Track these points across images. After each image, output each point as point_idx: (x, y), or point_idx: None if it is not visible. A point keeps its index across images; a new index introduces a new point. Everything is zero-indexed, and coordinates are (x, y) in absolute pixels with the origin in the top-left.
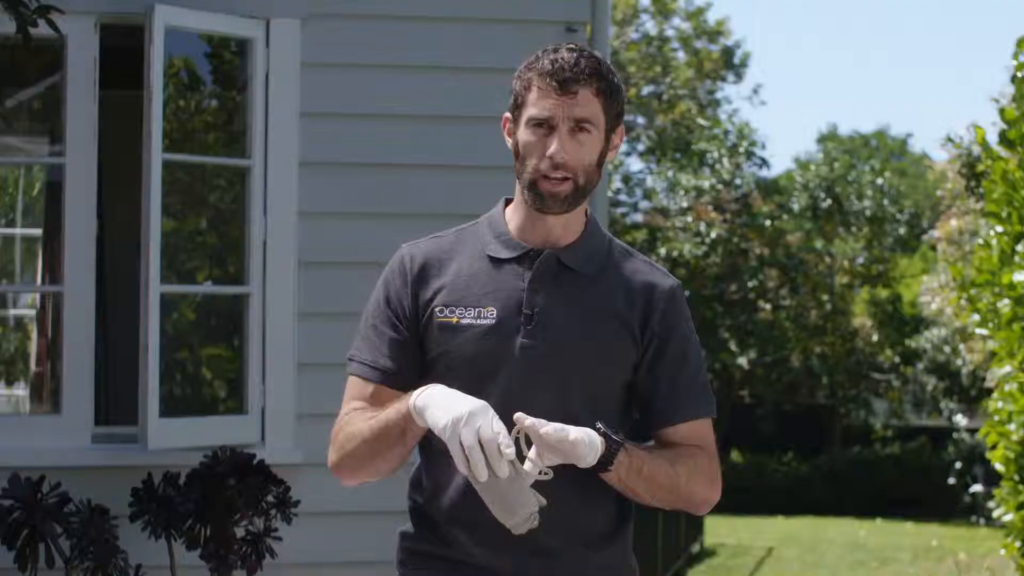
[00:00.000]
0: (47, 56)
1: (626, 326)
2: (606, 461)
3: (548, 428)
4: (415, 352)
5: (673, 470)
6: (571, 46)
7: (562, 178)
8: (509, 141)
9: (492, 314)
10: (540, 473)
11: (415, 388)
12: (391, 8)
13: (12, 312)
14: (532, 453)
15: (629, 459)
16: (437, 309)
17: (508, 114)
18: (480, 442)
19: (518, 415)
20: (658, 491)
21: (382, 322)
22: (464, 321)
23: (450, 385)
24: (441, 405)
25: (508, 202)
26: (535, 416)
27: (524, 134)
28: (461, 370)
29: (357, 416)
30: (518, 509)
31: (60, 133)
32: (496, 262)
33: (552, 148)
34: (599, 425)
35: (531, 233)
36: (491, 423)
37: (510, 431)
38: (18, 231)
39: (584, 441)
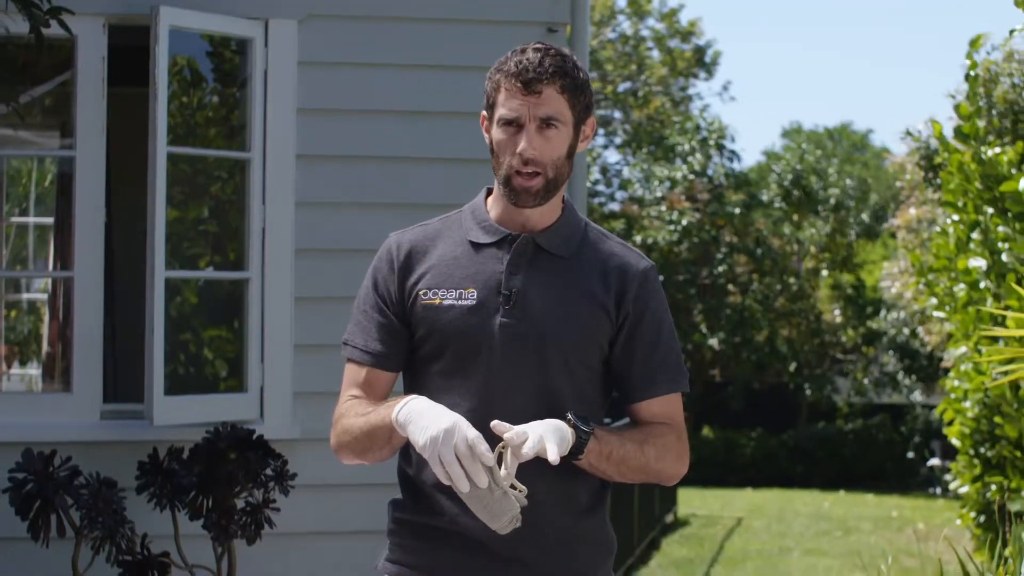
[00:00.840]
0: (58, 55)
1: (601, 305)
2: (576, 452)
3: (526, 448)
4: (403, 334)
5: (642, 451)
6: (537, 46)
7: (532, 173)
8: (487, 138)
9: (473, 295)
10: (517, 491)
11: (405, 366)
12: (383, 10)
13: (25, 296)
14: (508, 463)
15: (599, 447)
16: (421, 292)
17: (484, 113)
18: (458, 457)
19: (495, 424)
20: (627, 471)
21: (372, 307)
22: (446, 302)
23: (435, 363)
24: (419, 424)
25: (489, 191)
26: (515, 391)
27: (497, 133)
28: (445, 349)
29: (353, 408)
30: (501, 514)
31: (70, 128)
32: (477, 247)
33: (521, 146)
34: (569, 416)
35: (510, 220)
36: (466, 438)
37: (494, 405)
38: (31, 220)
39: (556, 441)
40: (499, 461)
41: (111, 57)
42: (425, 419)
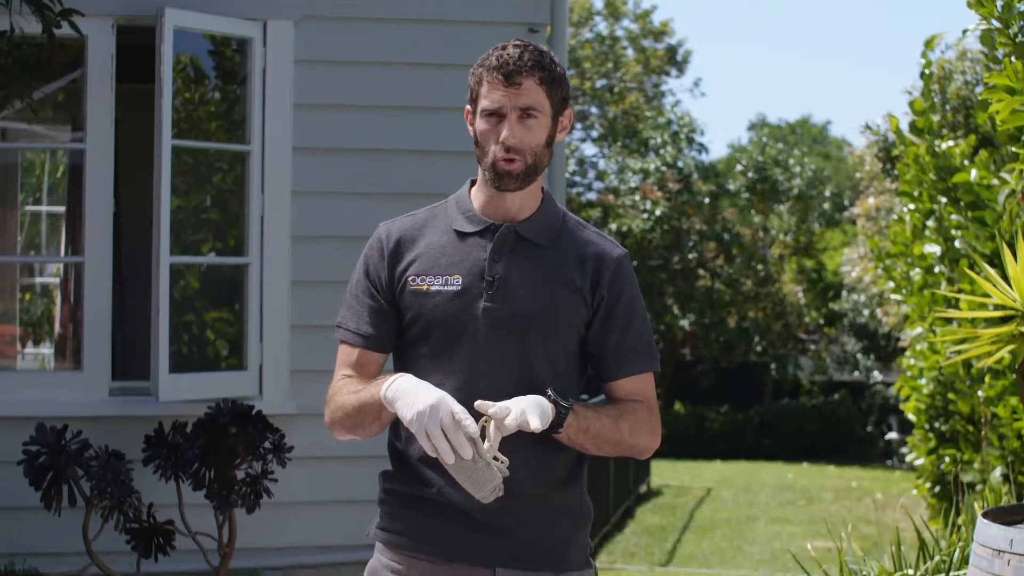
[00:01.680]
0: (69, 54)
1: (578, 290)
2: (556, 425)
3: (509, 419)
4: (393, 318)
5: (617, 426)
6: (517, 42)
7: (513, 159)
8: (471, 130)
9: (458, 281)
10: (499, 462)
11: (394, 349)
12: (375, 11)
13: (38, 280)
14: (491, 435)
15: (577, 421)
16: (410, 278)
17: (468, 107)
18: (443, 430)
19: (479, 403)
20: (604, 445)
21: (363, 292)
22: (433, 288)
23: (423, 345)
24: (406, 400)
25: (473, 183)
26: (497, 370)
27: (480, 124)
28: (432, 331)
29: (345, 386)
30: (485, 484)
31: (81, 122)
32: (462, 235)
33: (503, 134)
34: (549, 392)
35: (492, 209)
36: (450, 414)
37: (478, 384)
38: (44, 208)
39: (537, 414)
40: (482, 434)
41: (119, 55)
42: (412, 395)
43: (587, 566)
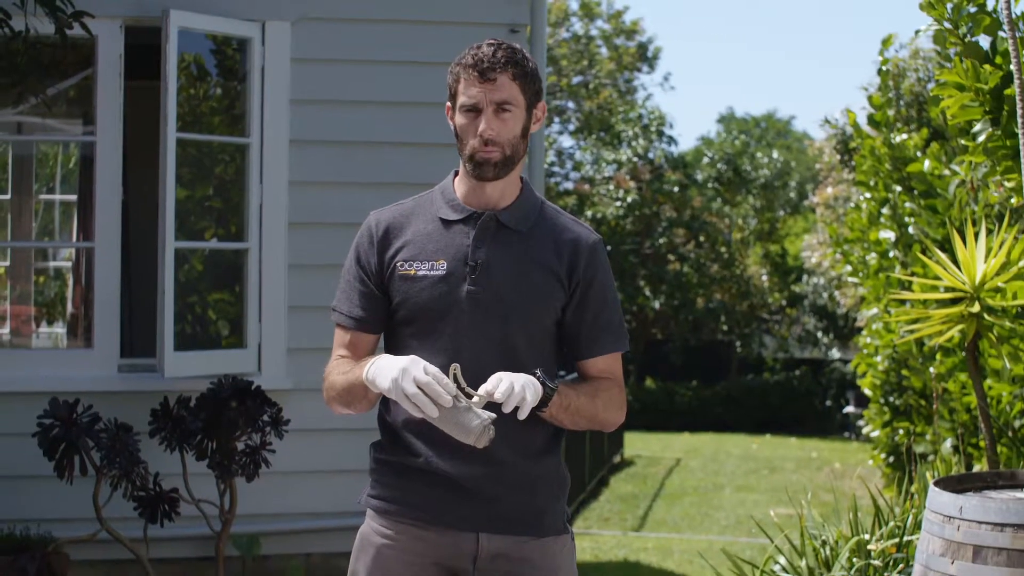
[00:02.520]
0: (80, 53)
1: (555, 273)
2: (542, 404)
3: (498, 392)
4: (383, 301)
5: (593, 403)
6: (491, 41)
7: (491, 150)
8: (451, 124)
9: (443, 266)
10: (477, 397)
11: (385, 330)
12: (366, 13)
13: (52, 264)
14: (482, 390)
15: (560, 399)
16: (398, 264)
17: (448, 103)
18: (419, 386)
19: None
20: (580, 420)
21: (354, 278)
22: (420, 273)
23: (410, 326)
24: (382, 373)
25: (456, 174)
26: (480, 349)
27: (459, 118)
28: (419, 314)
29: (337, 367)
30: (472, 428)
31: (91, 116)
32: (446, 223)
33: (481, 127)
34: (538, 373)
35: (475, 198)
36: (422, 370)
37: (463, 367)
38: (57, 197)
39: (531, 391)
40: (455, 382)
41: (127, 54)
42: (385, 368)
43: (565, 531)
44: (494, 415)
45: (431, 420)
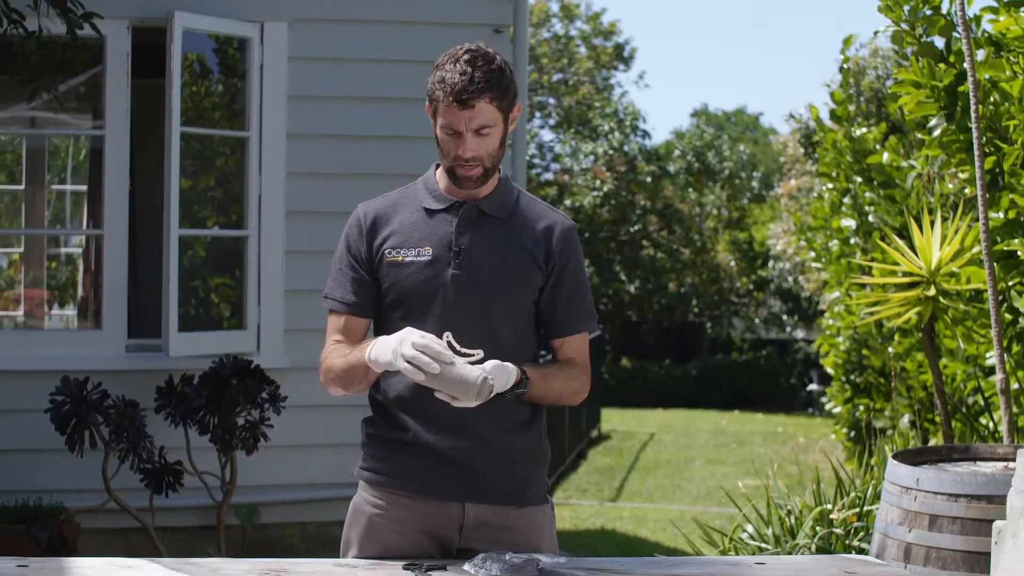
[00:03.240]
0: (90, 52)
1: (533, 257)
2: (520, 387)
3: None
4: (373, 287)
5: (560, 383)
6: (467, 55)
7: (474, 166)
8: (432, 123)
9: (428, 252)
10: (474, 355)
11: (375, 315)
12: (359, 15)
13: (63, 250)
14: (455, 342)
15: (533, 392)
16: (386, 251)
17: (428, 104)
18: (418, 348)
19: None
20: (548, 398)
21: (346, 266)
22: (407, 259)
23: (399, 309)
24: (383, 350)
25: (439, 166)
26: (465, 329)
27: (440, 133)
28: (407, 297)
29: (334, 351)
30: (473, 380)
31: (101, 111)
32: (430, 212)
33: (461, 151)
34: (523, 368)
35: (456, 189)
36: (418, 335)
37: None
38: (68, 187)
39: (502, 381)
40: (449, 347)
41: (134, 53)
42: (384, 343)
43: (545, 501)
44: (487, 370)
45: (432, 384)
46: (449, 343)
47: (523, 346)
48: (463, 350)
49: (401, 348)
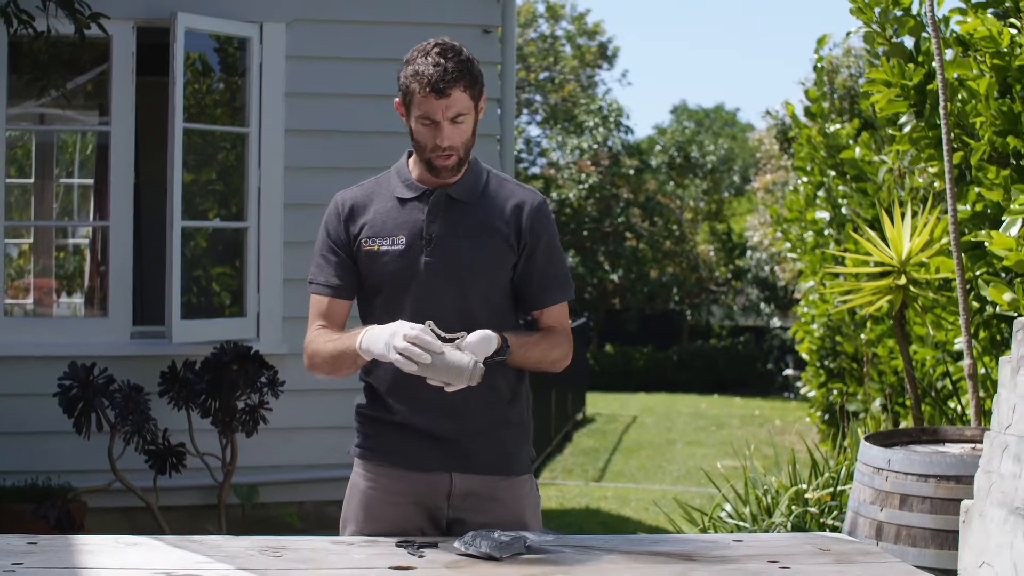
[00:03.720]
0: (97, 51)
1: (503, 237)
2: (501, 355)
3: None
4: (354, 269)
5: (540, 351)
6: (439, 48)
7: (449, 155)
8: (404, 121)
9: (402, 241)
10: (459, 336)
11: (356, 297)
12: (354, 15)
13: (71, 241)
14: (438, 329)
15: (514, 356)
16: (363, 240)
17: (399, 100)
18: (409, 340)
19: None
20: (528, 363)
21: (328, 251)
22: (382, 248)
23: (378, 296)
24: (375, 340)
25: (411, 154)
26: (441, 314)
27: (416, 125)
28: (383, 285)
29: (320, 336)
30: (465, 365)
31: (107, 108)
32: (402, 201)
33: (438, 139)
34: (502, 335)
35: (427, 177)
36: (408, 328)
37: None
38: (75, 181)
39: (483, 349)
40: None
41: (138, 52)
42: (377, 335)
43: (529, 471)
44: (475, 355)
45: (424, 373)
46: (432, 331)
47: (500, 321)
48: (447, 336)
49: (393, 340)
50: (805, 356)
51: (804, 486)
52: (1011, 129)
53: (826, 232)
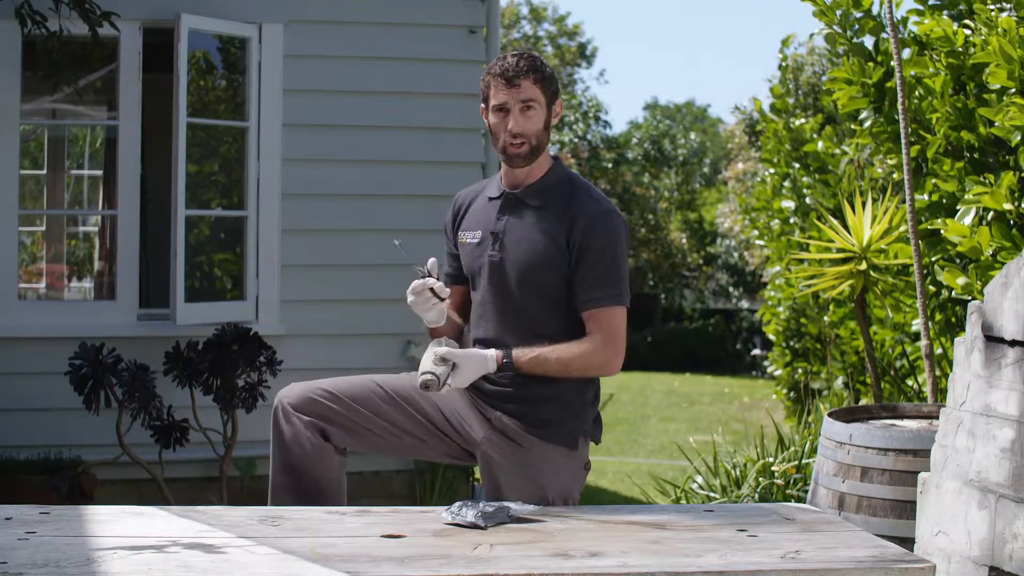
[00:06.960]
0: (106, 49)
1: (556, 241)
2: (504, 369)
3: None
4: (460, 260)
5: (558, 363)
6: (515, 53)
7: (520, 143)
8: (486, 122)
9: (478, 236)
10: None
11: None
12: (349, 16)
13: (81, 229)
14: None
15: (524, 363)
16: (460, 232)
17: (482, 105)
18: (411, 293)
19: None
20: (550, 373)
21: (447, 245)
22: (468, 241)
23: (468, 282)
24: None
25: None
26: (500, 306)
27: (492, 118)
28: (469, 273)
29: None
30: (423, 367)
31: (115, 103)
32: (489, 200)
33: (510, 124)
34: (504, 353)
35: (509, 180)
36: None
37: (487, 313)
38: (85, 172)
39: (476, 371)
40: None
41: (145, 51)
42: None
43: (571, 447)
44: (445, 373)
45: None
46: (429, 272)
47: (552, 320)
48: (422, 269)
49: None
50: (772, 337)
51: (771, 459)
52: (965, 124)
53: (791, 220)
